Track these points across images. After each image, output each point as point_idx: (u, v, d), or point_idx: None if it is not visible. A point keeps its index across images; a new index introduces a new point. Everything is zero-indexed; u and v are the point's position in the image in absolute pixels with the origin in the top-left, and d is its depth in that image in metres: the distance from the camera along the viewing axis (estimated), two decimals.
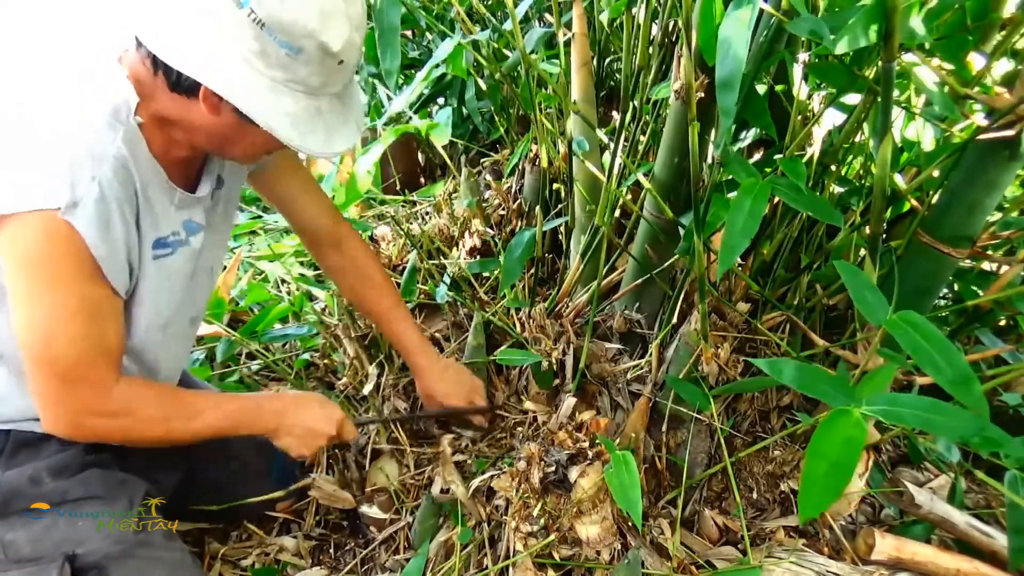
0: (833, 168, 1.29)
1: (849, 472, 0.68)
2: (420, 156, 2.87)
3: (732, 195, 0.93)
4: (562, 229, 1.69)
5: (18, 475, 1.03)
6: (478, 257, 1.89)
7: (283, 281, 2.19)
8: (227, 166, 1.15)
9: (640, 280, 1.39)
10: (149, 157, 0.94)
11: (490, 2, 2.11)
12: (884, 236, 1.23)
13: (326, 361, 1.85)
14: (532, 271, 1.67)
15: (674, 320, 1.32)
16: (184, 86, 0.88)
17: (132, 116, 0.90)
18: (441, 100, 2.46)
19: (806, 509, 0.69)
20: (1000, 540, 1.14)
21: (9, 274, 0.89)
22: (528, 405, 1.47)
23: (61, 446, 1.06)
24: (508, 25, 1.33)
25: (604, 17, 1.63)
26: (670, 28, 1.33)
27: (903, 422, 0.74)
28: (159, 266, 1.01)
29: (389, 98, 2.38)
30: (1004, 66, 1.08)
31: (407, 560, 1.30)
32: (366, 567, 1.41)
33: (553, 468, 1.15)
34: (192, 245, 1.07)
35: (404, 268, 1.90)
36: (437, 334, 1.73)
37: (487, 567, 1.20)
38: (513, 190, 2.02)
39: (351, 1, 0.87)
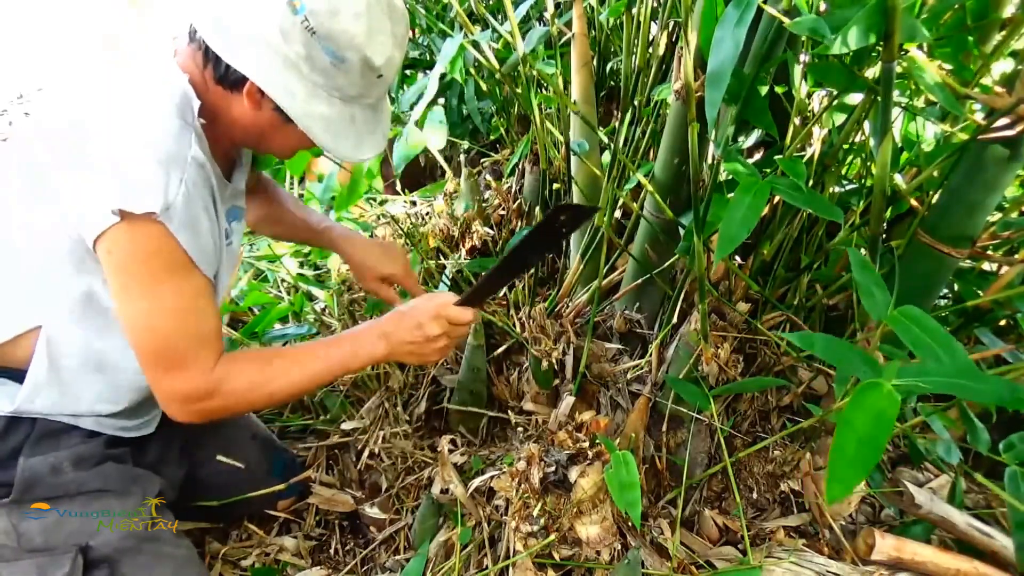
0: (833, 168, 1.29)
1: (880, 448, 0.66)
2: (420, 156, 2.87)
3: (732, 195, 0.93)
4: None
5: (41, 462, 1.03)
6: (478, 257, 1.89)
7: (283, 281, 2.19)
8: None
9: (640, 280, 1.39)
10: (211, 155, 0.97)
11: (490, 2, 2.11)
12: (884, 236, 1.23)
13: None
14: (532, 271, 1.67)
15: (674, 320, 1.32)
16: (230, 80, 0.93)
17: (196, 118, 0.93)
18: (441, 100, 2.46)
19: (834, 488, 0.67)
20: (1000, 540, 1.14)
21: (111, 278, 0.92)
22: (528, 406, 1.47)
23: (84, 437, 1.06)
24: (508, 26, 1.33)
25: (603, 17, 1.63)
26: (670, 28, 1.33)
27: (937, 389, 0.71)
28: (228, 253, 1.08)
29: (393, 100, 2.38)
30: (1004, 66, 1.08)
31: (407, 560, 1.30)
32: (366, 567, 1.41)
33: (553, 468, 1.15)
34: (237, 232, 1.14)
35: None
36: None
37: (487, 567, 1.20)
38: (513, 190, 2.02)
39: (397, 21, 0.94)
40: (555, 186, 1.78)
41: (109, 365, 1.03)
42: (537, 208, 1.57)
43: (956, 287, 1.41)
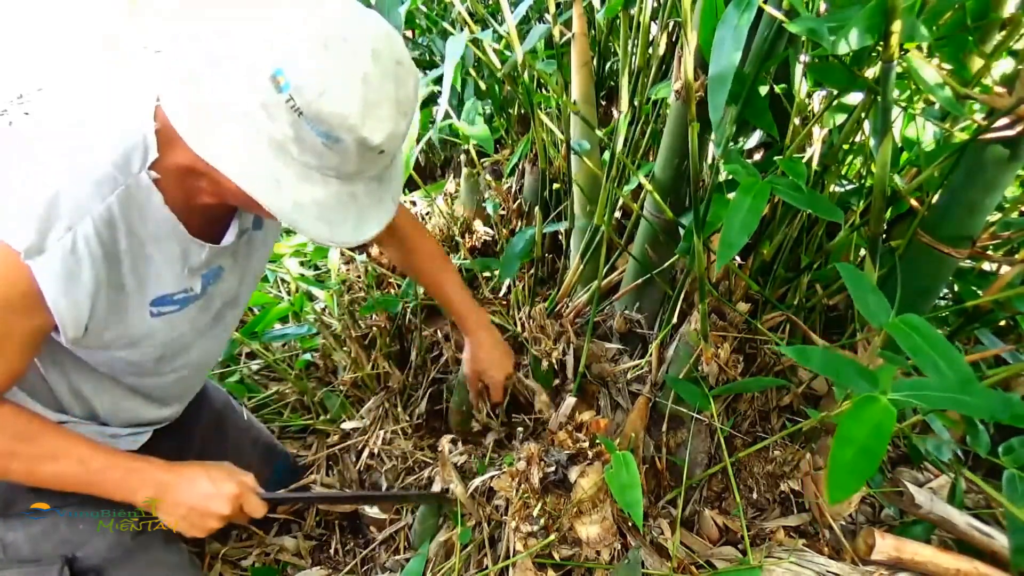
0: (833, 168, 1.29)
1: (877, 458, 0.68)
2: (420, 156, 2.87)
3: (732, 195, 0.93)
4: (562, 229, 1.69)
5: None
6: (478, 257, 1.89)
7: (283, 281, 2.19)
8: None
9: (640, 280, 1.39)
10: (163, 213, 0.88)
11: (490, 2, 2.11)
12: (884, 236, 1.23)
13: (326, 361, 1.85)
14: (532, 271, 1.67)
15: (674, 320, 1.32)
16: None
17: (146, 170, 0.84)
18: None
19: (834, 492, 0.69)
20: (1000, 540, 1.14)
21: None
22: (539, 405, 1.47)
23: None
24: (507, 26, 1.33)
25: (600, 16, 1.63)
26: (670, 28, 1.33)
27: (931, 404, 0.73)
28: (164, 321, 0.97)
29: None
30: (1004, 66, 1.08)
31: (407, 560, 1.30)
32: (366, 567, 1.41)
33: (553, 468, 1.15)
34: (209, 294, 1.02)
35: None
36: (438, 333, 1.73)
37: (487, 567, 1.20)
38: (513, 190, 2.02)
39: (401, 82, 0.79)
40: (555, 186, 1.78)
41: (34, 384, 1.00)
42: (536, 208, 1.57)
43: (956, 287, 1.41)
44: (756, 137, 1.37)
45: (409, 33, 2.56)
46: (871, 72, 1.06)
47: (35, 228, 0.78)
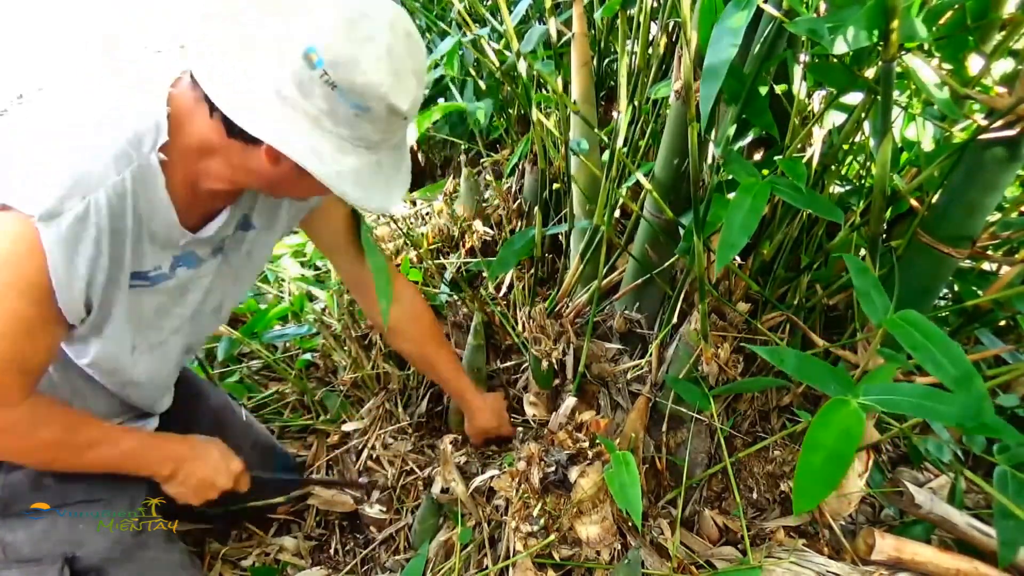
0: (833, 168, 1.29)
1: (845, 463, 0.68)
2: (420, 156, 2.87)
3: (732, 195, 0.93)
4: (562, 231, 1.68)
5: (21, 477, 1.03)
6: (478, 257, 1.89)
7: (283, 281, 2.19)
8: (260, 213, 1.10)
9: (640, 280, 1.39)
10: (162, 195, 0.90)
11: (490, 2, 2.11)
12: (884, 236, 1.23)
13: (326, 361, 1.85)
14: (532, 271, 1.67)
15: (674, 320, 1.32)
16: (246, 136, 0.83)
17: (155, 152, 0.86)
18: (441, 100, 2.46)
19: (801, 501, 0.69)
20: None
21: None
22: (529, 410, 1.47)
23: None
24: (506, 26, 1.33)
25: (597, 15, 1.63)
26: (670, 28, 1.33)
27: (900, 410, 0.73)
28: (135, 294, 0.97)
29: None
30: (1004, 66, 1.08)
31: (407, 560, 1.30)
32: (366, 567, 1.41)
33: (553, 468, 1.15)
34: (180, 280, 1.03)
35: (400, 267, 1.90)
36: None
37: (487, 567, 1.20)
38: (513, 190, 2.02)
39: (415, 55, 0.86)
40: (555, 186, 1.78)
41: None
42: (536, 208, 1.57)
43: (956, 287, 1.41)
44: (751, 134, 1.37)
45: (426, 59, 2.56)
46: (871, 72, 1.06)
47: (55, 195, 0.80)
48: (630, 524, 1.17)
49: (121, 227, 0.87)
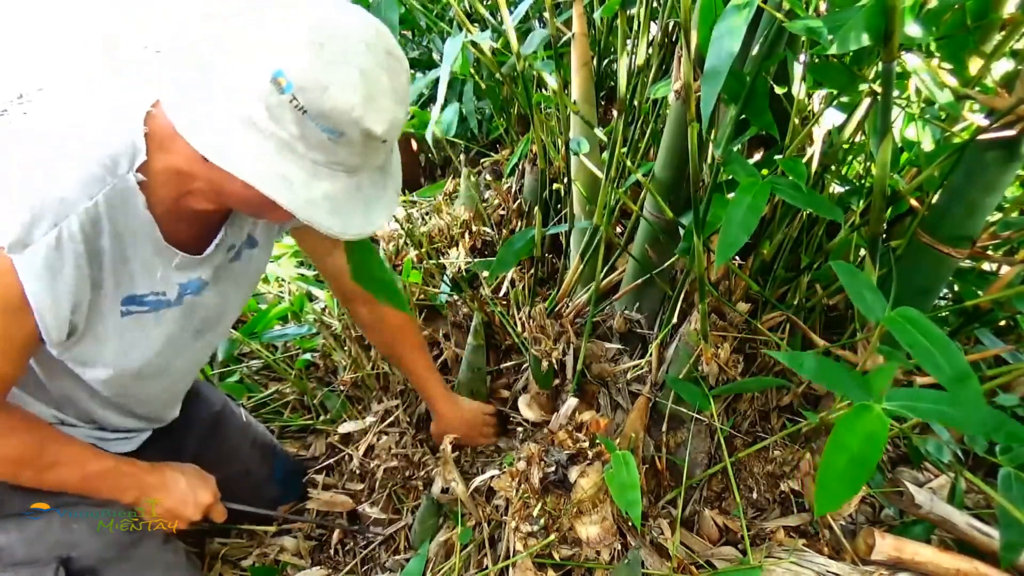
0: (833, 168, 1.29)
1: (870, 467, 0.68)
2: (420, 156, 2.87)
3: (732, 195, 0.93)
4: (562, 231, 1.68)
5: None
6: (478, 257, 1.89)
7: (282, 281, 2.19)
8: (263, 229, 1.10)
9: (640, 280, 1.39)
10: (143, 215, 0.89)
11: (489, 2, 2.11)
12: (884, 236, 1.22)
13: (326, 361, 1.85)
14: (532, 271, 1.67)
15: (674, 320, 1.32)
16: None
17: (132, 172, 0.85)
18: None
19: (823, 503, 0.68)
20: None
21: None
22: (526, 413, 1.47)
23: None
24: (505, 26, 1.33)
25: (596, 15, 1.63)
26: (670, 28, 1.33)
27: (925, 417, 0.73)
28: (134, 319, 0.96)
29: None
30: (1004, 66, 1.07)
31: (407, 560, 1.30)
32: (366, 567, 1.41)
33: (553, 468, 1.15)
34: (188, 306, 1.02)
35: (401, 267, 1.90)
36: (439, 332, 1.73)
37: (487, 567, 1.20)
38: (513, 190, 2.02)
39: (394, 73, 0.81)
40: (555, 186, 1.78)
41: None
42: (536, 208, 1.57)
43: (956, 287, 1.41)
44: (749, 132, 1.37)
45: (408, 33, 2.56)
46: (871, 72, 1.05)
47: (23, 223, 0.78)
48: (630, 524, 1.17)
49: (98, 248, 0.86)
